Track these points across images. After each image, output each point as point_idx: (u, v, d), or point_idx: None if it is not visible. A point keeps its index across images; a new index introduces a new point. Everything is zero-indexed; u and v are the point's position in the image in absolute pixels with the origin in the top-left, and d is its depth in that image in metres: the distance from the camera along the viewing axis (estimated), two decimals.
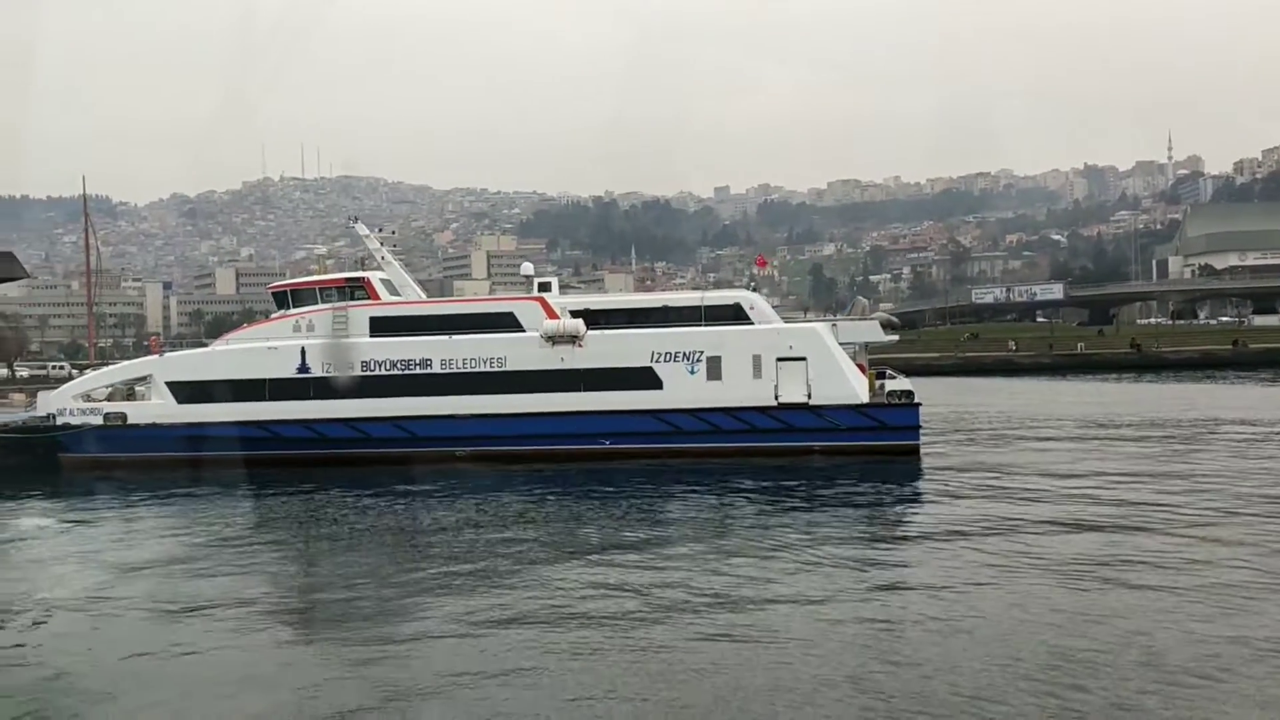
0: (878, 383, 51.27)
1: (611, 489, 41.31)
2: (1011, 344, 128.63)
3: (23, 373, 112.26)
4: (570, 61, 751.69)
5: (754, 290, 54.96)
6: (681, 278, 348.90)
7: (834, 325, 51.52)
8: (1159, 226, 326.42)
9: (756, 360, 49.57)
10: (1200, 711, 16.15)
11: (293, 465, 48.18)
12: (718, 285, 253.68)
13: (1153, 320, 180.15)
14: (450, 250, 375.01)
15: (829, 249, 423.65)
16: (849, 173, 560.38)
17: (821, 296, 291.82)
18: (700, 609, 22.73)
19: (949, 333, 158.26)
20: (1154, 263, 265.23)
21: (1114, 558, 26.42)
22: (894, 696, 17.03)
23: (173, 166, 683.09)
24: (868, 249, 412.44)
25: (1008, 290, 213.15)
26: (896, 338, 55.84)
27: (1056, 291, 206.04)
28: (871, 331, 51.92)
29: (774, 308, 56.94)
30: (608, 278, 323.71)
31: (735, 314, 51.43)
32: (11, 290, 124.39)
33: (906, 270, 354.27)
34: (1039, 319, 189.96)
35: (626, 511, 36.50)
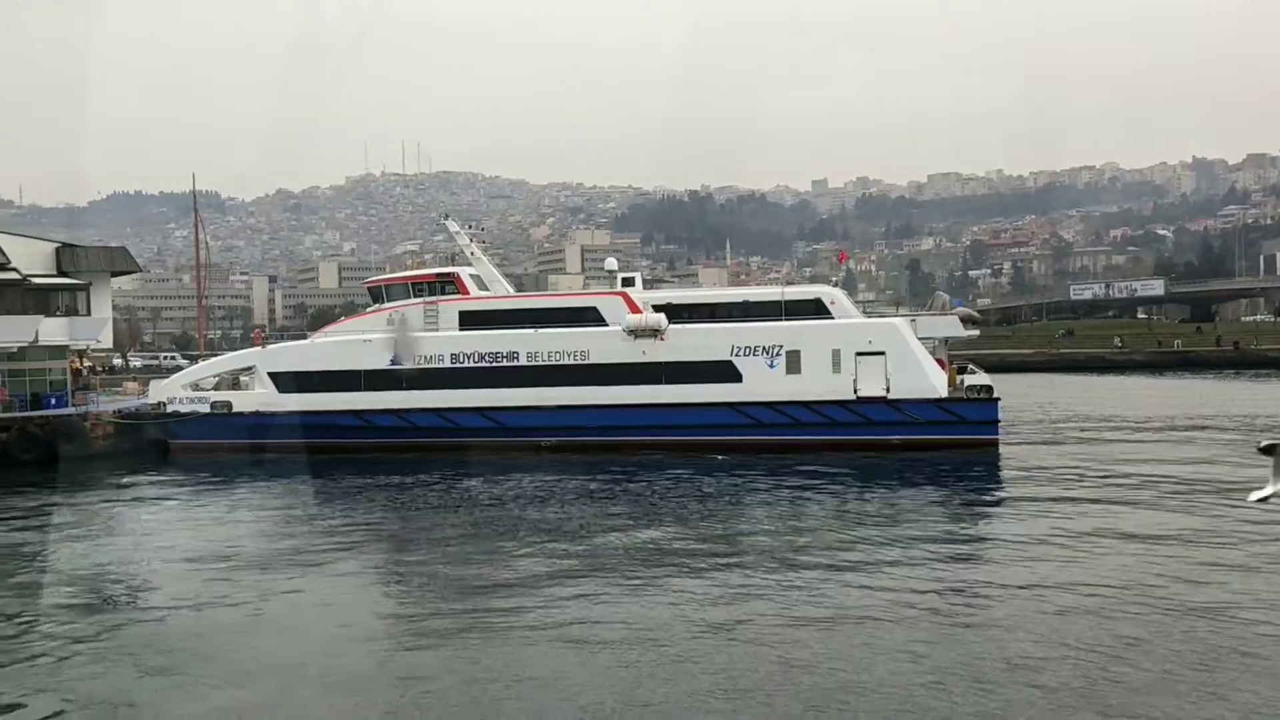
0: (959, 378, 51.74)
1: (690, 480, 42.36)
2: (1117, 340, 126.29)
3: (136, 363, 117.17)
4: (661, 56, 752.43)
5: (836, 285, 55.70)
6: (776, 272, 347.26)
7: (913, 320, 52.02)
8: (1269, 221, 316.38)
9: (835, 355, 50.31)
10: None
11: (385, 452, 50.36)
12: (813, 280, 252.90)
13: (1257, 317, 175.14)
14: (546, 245, 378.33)
15: (928, 243, 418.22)
16: (950, 166, 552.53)
17: (919, 292, 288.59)
18: (782, 600, 23.26)
19: (1044, 329, 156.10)
20: (1261, 258, 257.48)
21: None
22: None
23: (278, 163, 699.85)
24: (967, 243, 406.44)
25: (1107, 286, 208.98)
26: (977, 333, 56.06)
27: (1157, 288, 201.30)
28: (951, 326, 52.30)
29: (869, 303, 57.60)
30: (701, 272, 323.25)
31: (815, 309, 52.25)
32: (126, 284, 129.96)
33: (1007, 265, 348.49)
34: (1139, 316, 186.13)
35: (708, 501, 37.57)
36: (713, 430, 50.28)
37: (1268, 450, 17.25)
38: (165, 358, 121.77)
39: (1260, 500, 16.12)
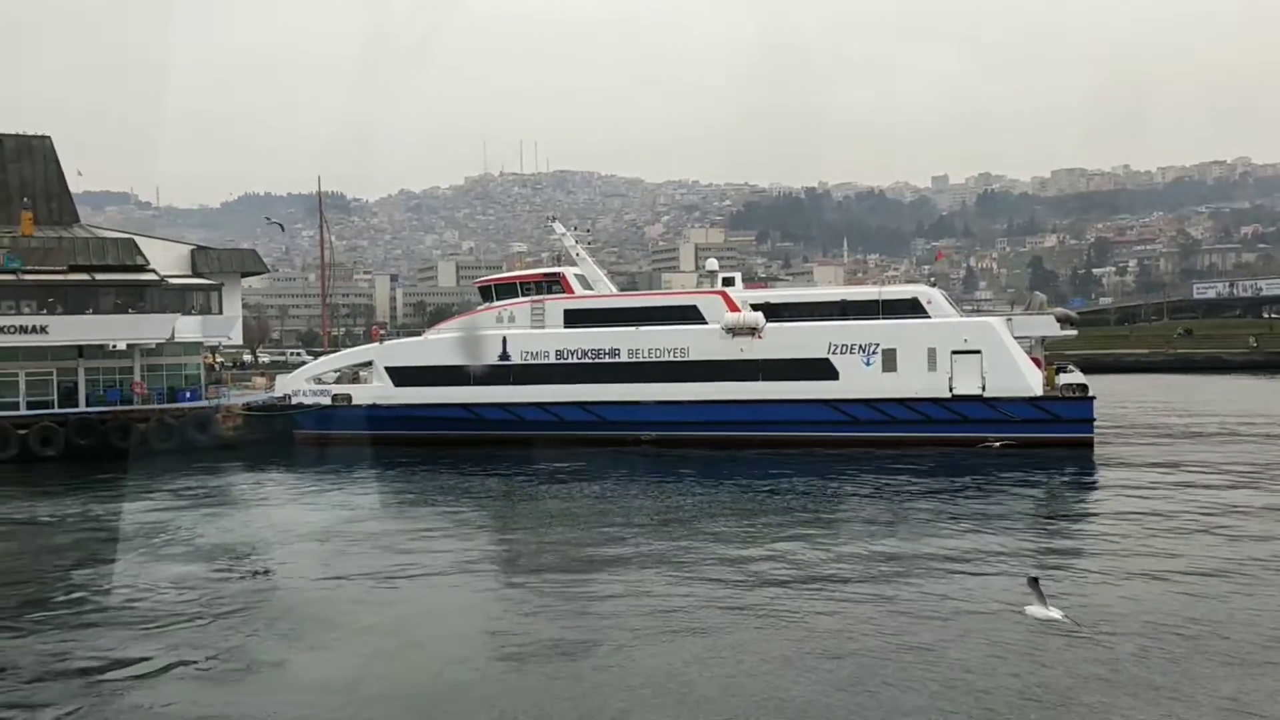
0: (1057, 377, 52.03)
1: (788, 475, 43.53)
2: (1252, 339, 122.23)
3: (264, 359, 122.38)
4: (768, 52, 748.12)
5: (933, 285, 56.37)
6: (894, 270, 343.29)
7: (1009, 319, 52.44)
8: None
9: (931, 353, 51.06)
10: None
11: (493, 444, 52.70)
12: (932, 278, 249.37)
13: None
14: (660, 243, 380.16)
15: (1050, 240, 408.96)
16: (1074, 161, 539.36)
17: (1041, 290, 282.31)
18: (877, 596, 23.85)
19: (1163, 328, 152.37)
20: None
21: None
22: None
23: (401, 164, 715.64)
24: (1091, 240, 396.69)
25: (1231, 285, 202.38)
26: (1074, 333, 56.11)
27: None
28: (1047, 326, 52.60)
29: (986, 301, 58.14)
30: (817, 270, 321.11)
31: (912, 308, 53.01)
32: (255, 283, 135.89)
33: (1132, 263, 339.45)
34: (1264, 315, 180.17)
35: (803, 497, 38.66)
36: (808, 427, 51.41)
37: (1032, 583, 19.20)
38: (291, 354, 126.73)
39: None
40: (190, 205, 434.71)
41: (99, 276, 57.62)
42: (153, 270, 59.64)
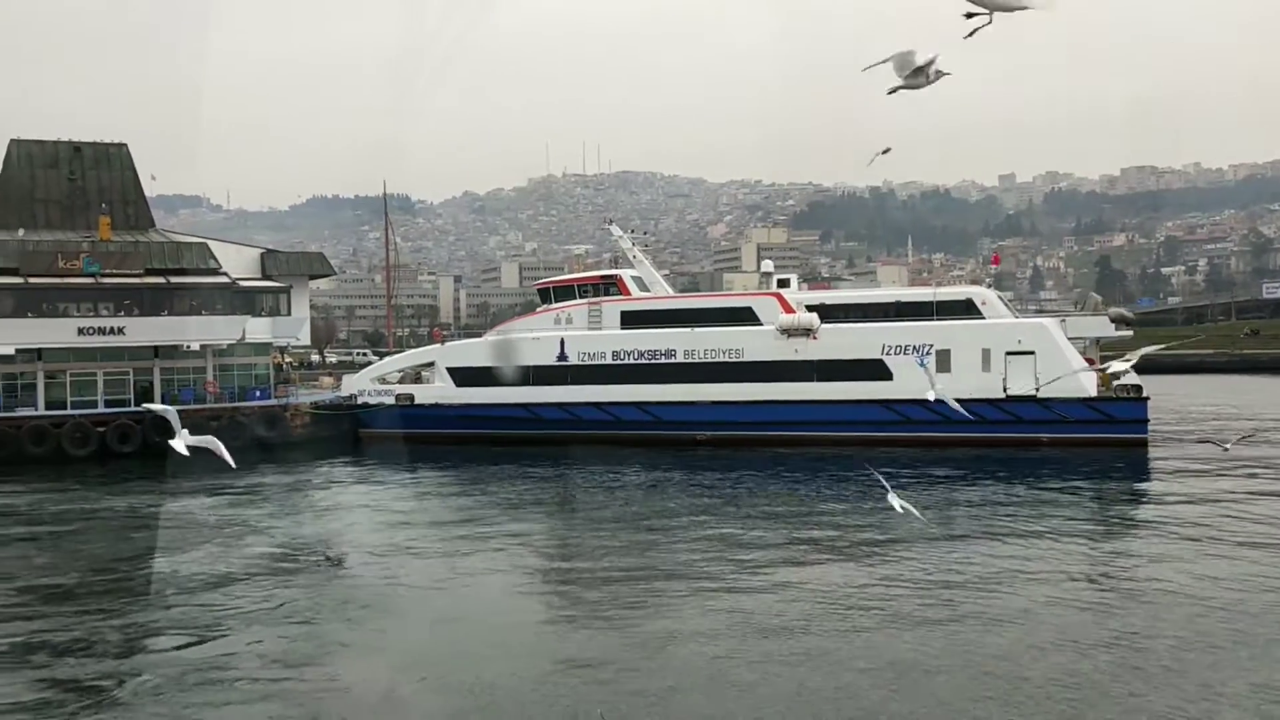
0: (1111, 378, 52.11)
1: (841, 475, 44.22)
2: None
3: (331, 359, 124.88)
4: (824, 52, 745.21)
5: (988, 286, 56.70)
6: (960, 270, 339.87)
7: (1063, 321, 52.64)
8: None
9: (985, 354, 51.44)
10: None
11: (550, 443, 53.87)
12: (998, 278, 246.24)
13: None
14: (723, 243, 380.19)
15: (1119, 239, 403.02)
16: (1144, 159, 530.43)
17: (1108, 290, 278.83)
18: (935, 595, 24.38)
19: (1230, 328, 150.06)
20: None
21: None
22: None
23: (465, 166, 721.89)
24: (1161, 239, 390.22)
25: None
26: (1130, 333, 56.10)
27: None
28: (1101, 327, 52.75)
29: (1050, 301, 58.34)
30: (881, 270, 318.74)
31: (967, 309, 53.39)
32: (323, 285, 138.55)
33: (1202, 262, 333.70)
34: None
35: (858, 496, 39.20)
36: (863, 426, 51.96)
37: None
38: (358, 354, 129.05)
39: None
40: (260, 208, 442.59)
41: (174, 280, 59.69)
42: (224, 273, 61.60)
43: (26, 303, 56.56)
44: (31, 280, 56.75)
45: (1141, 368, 55.51)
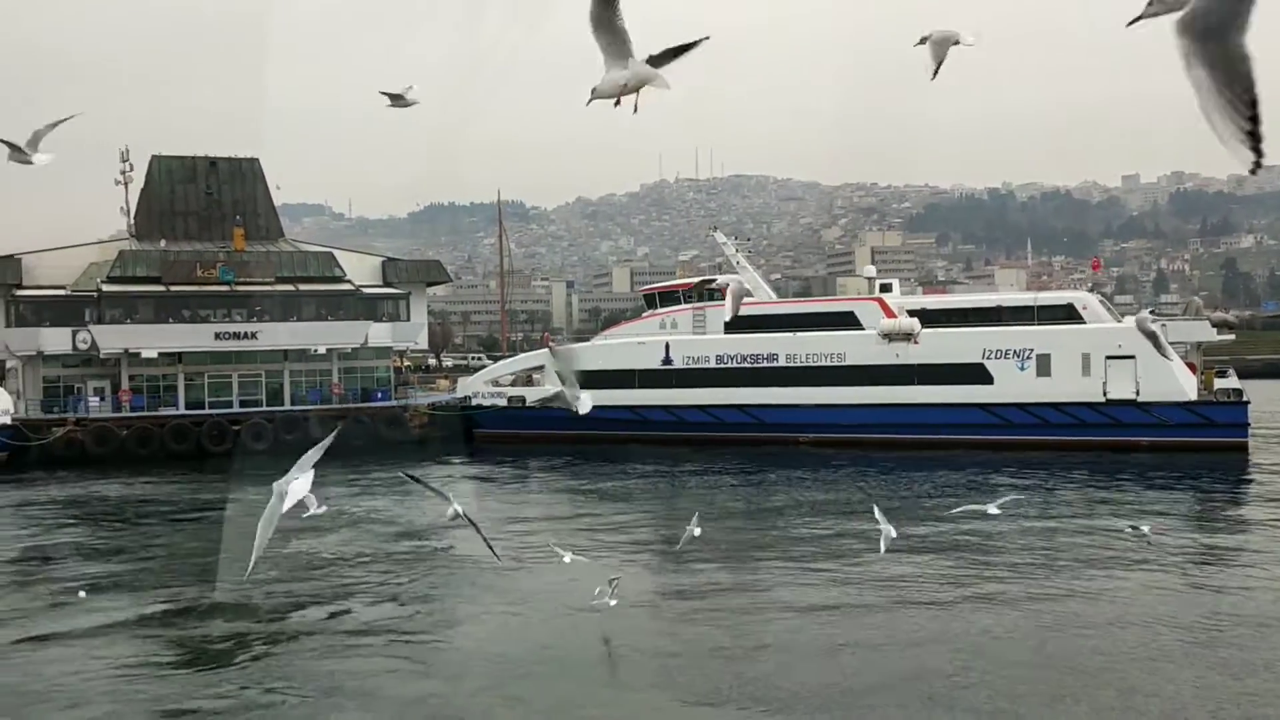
0: (1215, 381, 52.06)
1: (945, 476, 45.18)
2: None
3: (448, 362, 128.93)
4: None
5: (1092, 291, 57.00)
6: (1080, 273, 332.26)
7: (1164, 324, 52.62)
8: None
9: (1085, 358, 51.87)
10: None
11: (656, 444, 55.76)
12: (1120, 281, 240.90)
13: None
14: (837, 246, 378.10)
15: (1246, 241, 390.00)
16: (1274, 158, 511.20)
17: (1234, 293, 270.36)
18: (1037, 596, 24.91)
19: None
20: None
21: None
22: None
23: (578, 172, 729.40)
24: None
25: None
26: (1232, 336, 55.88)
27: None
28: (1203, 331, 52.72)
29: (1169, 305, 58.38)
30: (998, 273, 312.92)
31: (1067, 314, 53.84)
32: (440, 290, 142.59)
33: None
34: None
35: (960, 497, 40.20)
36: (963, 429, 52.76)
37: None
38: (473, 358, 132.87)
39: None
40: (380, 215, 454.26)
41: (302, 287, 63.20)
42: (348, 281, 64.91)
43: (168, 309, 60.57)
44: (172, 288, 60.72)
45: (1247, 372, 55.51)
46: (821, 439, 54.67)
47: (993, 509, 22.87)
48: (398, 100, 14.48)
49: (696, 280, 63.70)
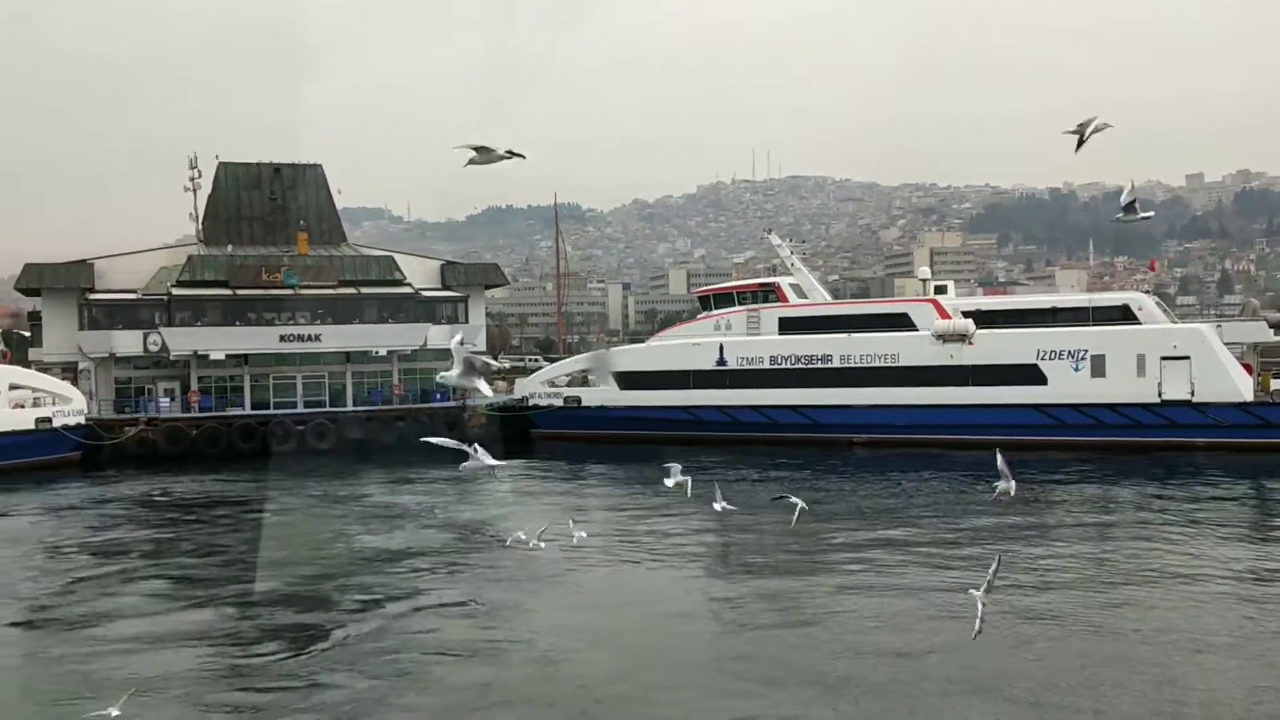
0: (1272, 382, 51.82)
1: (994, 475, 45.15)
2: None
3: (505, 364, 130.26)
4: (1010, 50, 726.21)
5: (1153, 292, 56.87)
6: (1142, 273, 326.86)
7: (1219, 325, 52.60)
8: None
9: (1140, 359, 51.82)
10: None
11: (710, 444, 56.35)
12: (1183, 282, 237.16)
13: None
14: (895, 247, 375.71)
15: None
16: None
17: None
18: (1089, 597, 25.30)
19: None
20: None
21: None
22: None
23: (634, 174, 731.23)
24: None
25: None
26: None
27: None
28: (1259, 332, 52.49)
29: (1231, 306, 58.11)
30: (1059, 274, 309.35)
31: (1123, 315, 53.83)
32: (497, 293, 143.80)
33: None
34: None
35: (1015, 499, 40.40)
36: (1017, 430, 52.72)
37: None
38: (530, 359, 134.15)
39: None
40: (438, 219, 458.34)
41: (363, 290, 64.62)
42: (408, 284, 66.24)
43: (234, 312, 62.23)
44: (239, 292, 62.37)
45: None
46: (875, 439, 55.02)
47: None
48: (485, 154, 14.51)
49: (755, 282, 64.28)
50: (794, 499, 22.59)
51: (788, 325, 59.23)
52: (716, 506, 24.08)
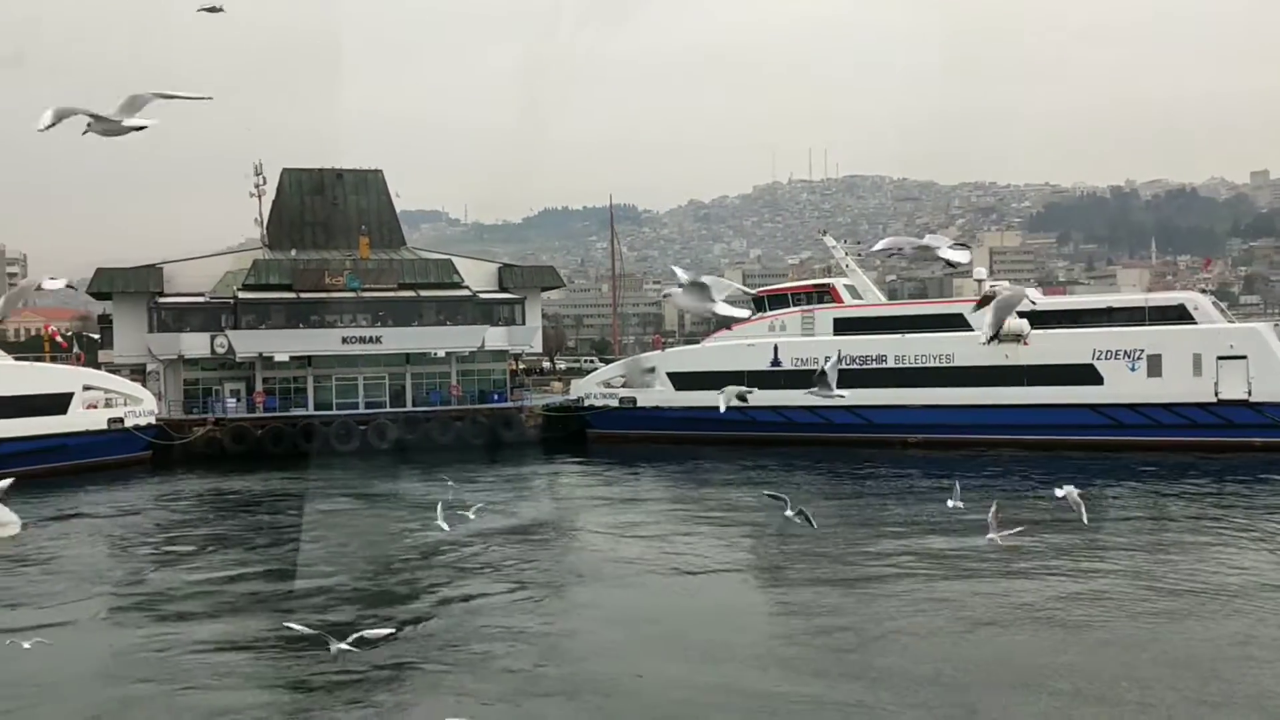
0: None
1: (1054, 477, 45.30)
2: None
3: (561, 365, 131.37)
4: (1079, 44, 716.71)
5: (1212, 291, 56.57)
6: (1206, 273, 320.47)
7: (1276, 325, 52.23)
8: None
9: (1197, 359, 51.61)
10: None
11: (764, 445, 56.86)
12: (1248, 280, 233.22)
13: None
14: None
15: None
16: None
17: None
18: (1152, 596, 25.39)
19: None
20: None
21: None
22: None
23: (690, 175, 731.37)
24: None
25: None
26: None
27: None
28: None
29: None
30: (1120, 273, 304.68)
31: (1179, 315, 53.59)
32: (554, 294, 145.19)
33: None
34: None
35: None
36: (1072, 430, 52.85)
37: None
38: (585, 360, 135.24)
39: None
40: (494, 221, 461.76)
41: (423, 293, 65.85)
42: (466, 287, 67.37)
43: (298, 315, 63.73)
44: (302, 295, 63.83)
45: None
46: (929, 440, 55.19)
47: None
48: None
49: (809, 283, 64.71)
50: (784, 498, 22.92)
51: (842, 326, 59.55)
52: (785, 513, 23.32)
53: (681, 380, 61.68)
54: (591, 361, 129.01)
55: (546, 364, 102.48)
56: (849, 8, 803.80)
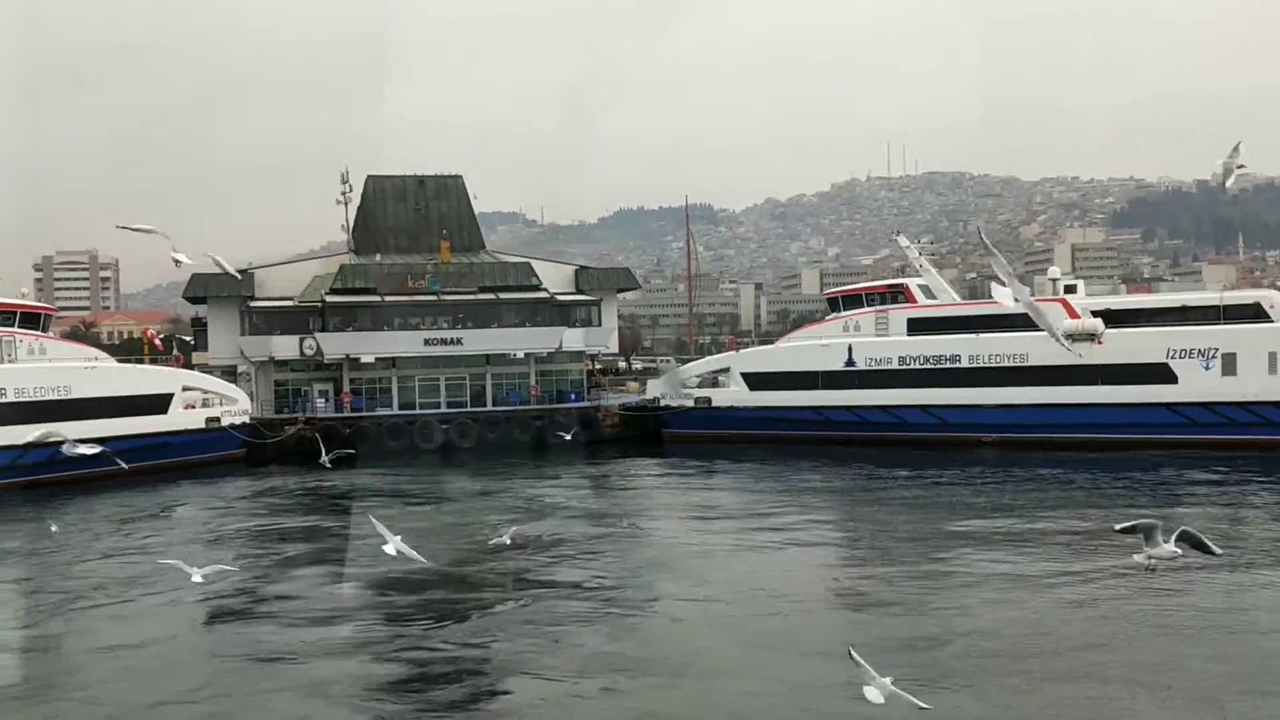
0: None
1: (1129, 476, 45.64)
2: None
3: (637, 365, 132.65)
4: (1163, 34, 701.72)
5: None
6: None
7: None
8: None
9: (1272, 357, 51.41)
10: None
11: (839, 444, 57.46)
12: None
13: None
14: (1036, 244, 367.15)
15: None
16: None
17: None
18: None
19: None
20: None
21: None
22: None
23: (767, 173, 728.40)
24: None
25: None
26: None
27: None
28: None
29: None
30: (1206, 269, 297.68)
31: (1255, 313, 53.32)
32: (629, 295, 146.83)
33: None
34: None
35: (1141, 497, 40.65)
36: (1147, 429, 52.81)
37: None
38: (661, 361, 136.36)
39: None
40: (570, 221, 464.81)
41: (502, 296, 67.56)
42: (544, 289, 68.93)
43: (383, 318, 65.84)
44: (387, 299, 65.90)
45: None
46: (1004, 439, 55.44)
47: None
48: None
49: (883, 283, 65.29)
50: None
51: (916, 326, 60.05)
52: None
53: (756, 380, 62.59)
54: (668, 362, 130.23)
55: (622, 364, 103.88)
56: (918, 6, 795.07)
